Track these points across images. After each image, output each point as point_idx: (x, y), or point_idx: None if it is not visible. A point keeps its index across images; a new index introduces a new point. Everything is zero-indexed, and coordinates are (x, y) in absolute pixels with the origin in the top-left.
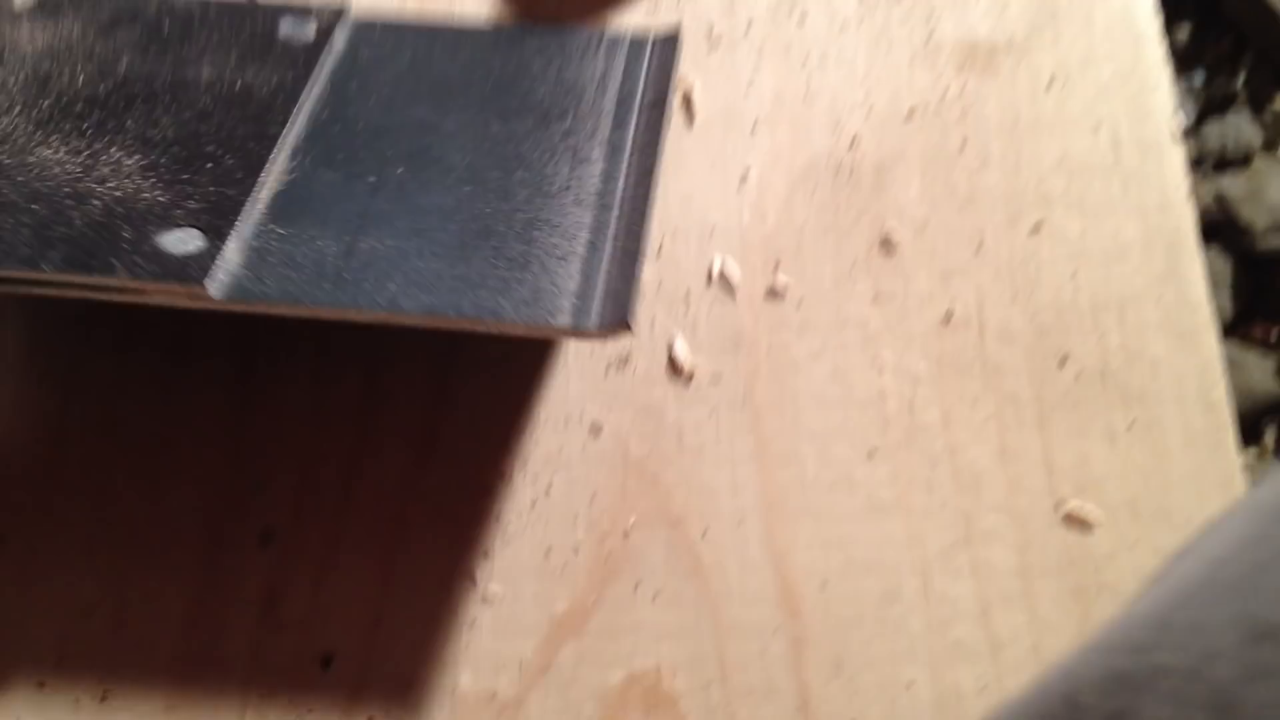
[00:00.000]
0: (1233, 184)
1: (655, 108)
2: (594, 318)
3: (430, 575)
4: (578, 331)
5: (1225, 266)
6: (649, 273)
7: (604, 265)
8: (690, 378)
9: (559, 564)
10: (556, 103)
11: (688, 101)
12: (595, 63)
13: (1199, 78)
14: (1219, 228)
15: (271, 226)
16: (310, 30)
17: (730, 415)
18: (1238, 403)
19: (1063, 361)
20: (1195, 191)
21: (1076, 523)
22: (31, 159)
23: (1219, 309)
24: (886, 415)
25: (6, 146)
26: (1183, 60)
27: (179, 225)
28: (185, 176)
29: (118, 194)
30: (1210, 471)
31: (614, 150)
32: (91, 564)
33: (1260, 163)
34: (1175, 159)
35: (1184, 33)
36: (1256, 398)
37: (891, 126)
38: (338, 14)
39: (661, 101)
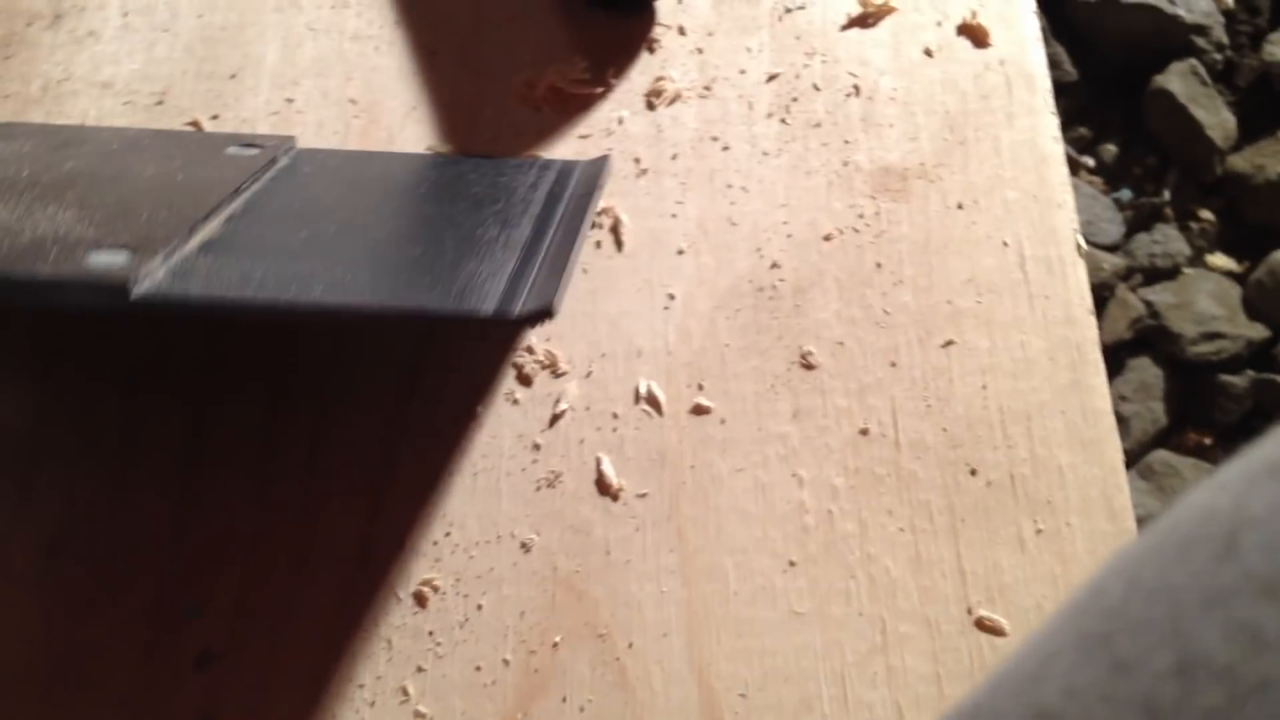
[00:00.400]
0: (1163, 295)
1: (583, 198)
2: (518, 304)
3: (364, 691)
4: (502, 318)
5: (1158, 375)
6: (578, 393)
7: (533, 273)
8: (617, 495)
9: (488, 680)
10: (489, 195)
11: (616, 229)
12: (527, 175)
13: (1127, 194)
14: (1151, 337)
15: (201, 258)
16: (255, 152)
17: (656, 531)
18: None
19: (974, 471)
20: (1126, 302)
21: (988, 628)
22: None
23: (1153, 418)
24: (806, 527)
25: None
26: (1111, 177)
27: (108, 246)
28: (120, 223)
29: (47, 231)
30: None
31: (543, 220)
32: (24, 690)
33: (1188, 273)
34: (1078, 275)
35: (1112, 151)
36: None
37: (810, 249)
38: (283, 143)
39: (589, 194)
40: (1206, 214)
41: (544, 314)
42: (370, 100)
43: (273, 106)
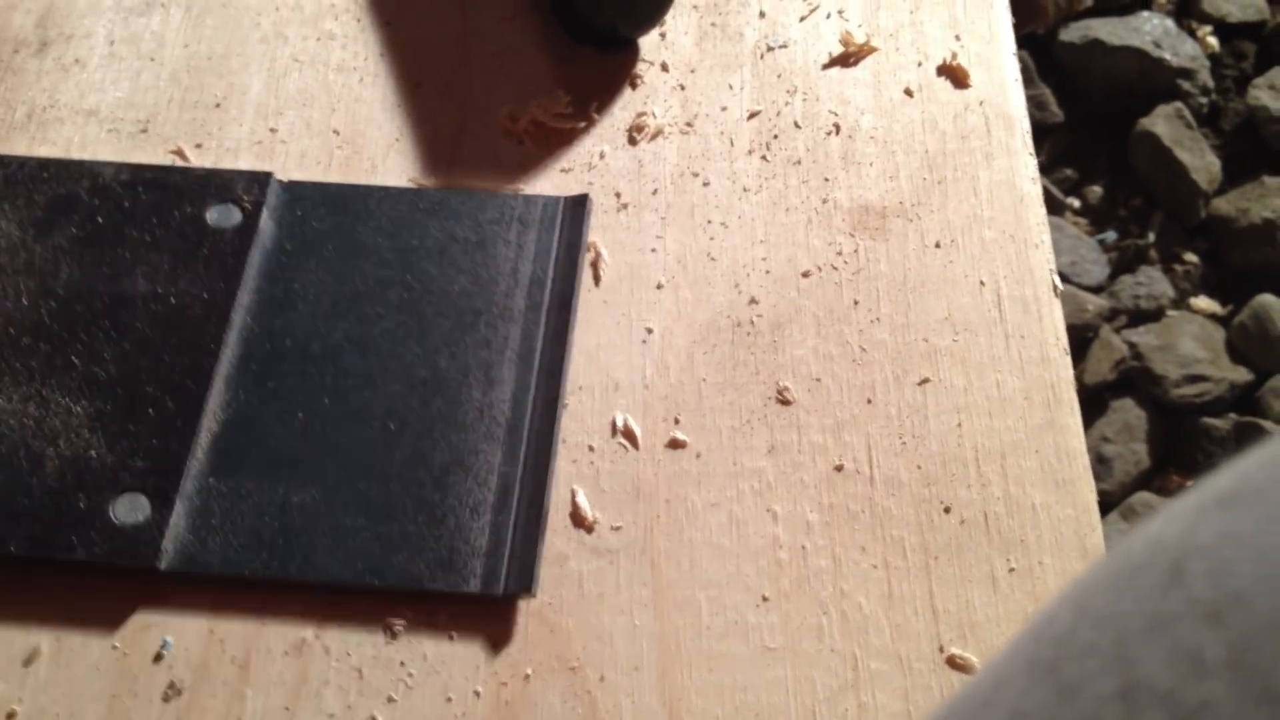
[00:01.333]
0: (1146, 336)
1: (561, 310)
2: (501, 584)
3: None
4: (486, 596)
5: (1140, 417)
6: None
7: (511, 519)
8: (592, 528)
9: (459, 711)
10: (471, 303)
11: (595, 263)
12: (509, 241)
13: (1111, 235)
14: (1134, 379)
15: (211, 481)
16: (236, 215)
17: (629, 564)
18: None
19: (947, 509)
20: (1110, 344)
21: (959, 666)
22: None
23: (1136, 459)
24: (779, 562)
25: None
26: (1096, 218)
27: (127, 489)
28: (130, 428)
29: (68, 454)
30: None
31: (523, 363)
32: None
33: (1172, 316)
34: (1054, 315)
35: (1097, 192)
36: None
37: (788, 286)
38: (263, 188)
39: (567, 304)
40: (1191, 256)
41: (523, 593)
42: (353, 131)
43: (256, 136)
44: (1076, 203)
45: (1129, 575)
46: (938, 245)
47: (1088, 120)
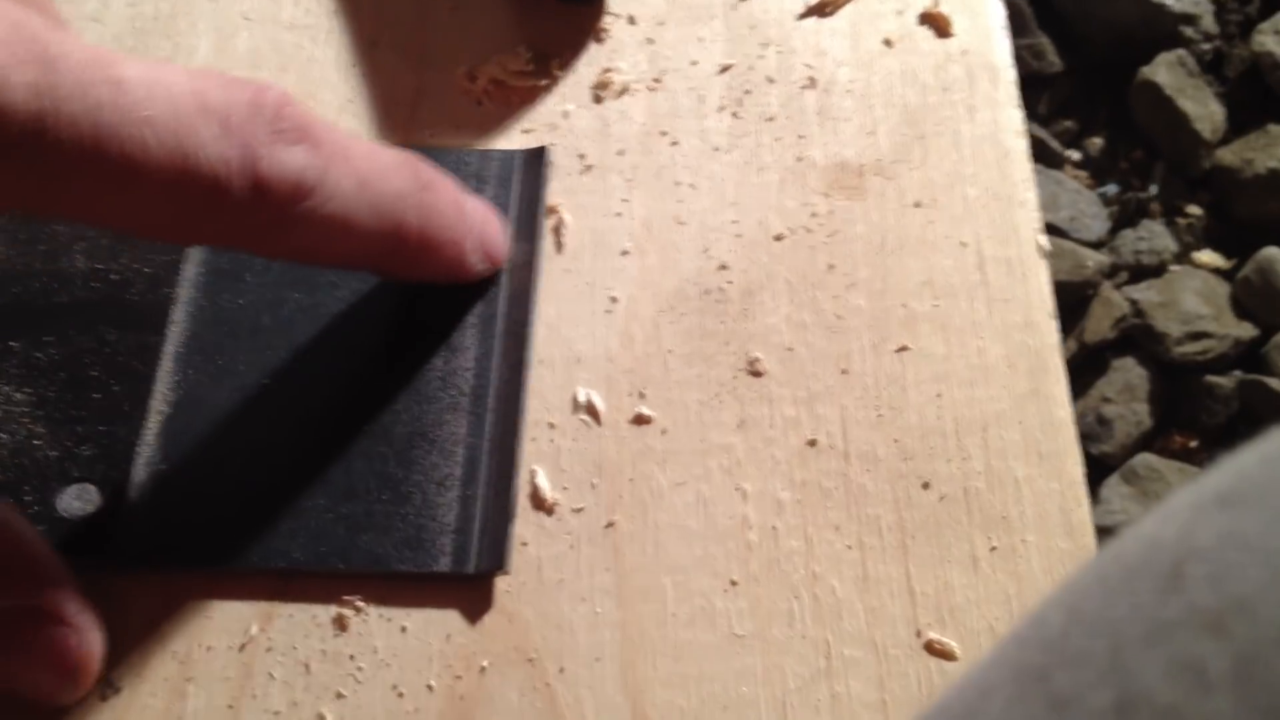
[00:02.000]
0: (1148, 293)
1: (522, 270)
2: (471, 562)
3: (279, 718)
4: (456, 574)
5: (1142, 376)
6: None
7: (480, 492)
8: (552, 510)
9: (411, 707)
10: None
11: (558, 229)
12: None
13: (1112, 188)
14: (1135, 337)
15: (163, 468)
16: None
17: (591, 549)
18: None
19: (926, 485)
20: (1111, 301)
21: (937, 652)
22: None
23: (1137, 420)
24: (749, 544)
25: None
26: (1096, 171)
27: (75, 479)
28: (75, 413)
29: (11, 445)
30: None
31: (485, 328)
32: None
33: (1175, 271)
34: (1040, 277)
35: (1097, 144)
36: None
37: (760, 250)
38: None
39: (527, 263)
40: (1194, 209)
41: (496, 570)
42: (306, 92)
43: None
44: (1076, 155)
45: (1124, 578)
46: (917, 205)
47: (1087, 69)
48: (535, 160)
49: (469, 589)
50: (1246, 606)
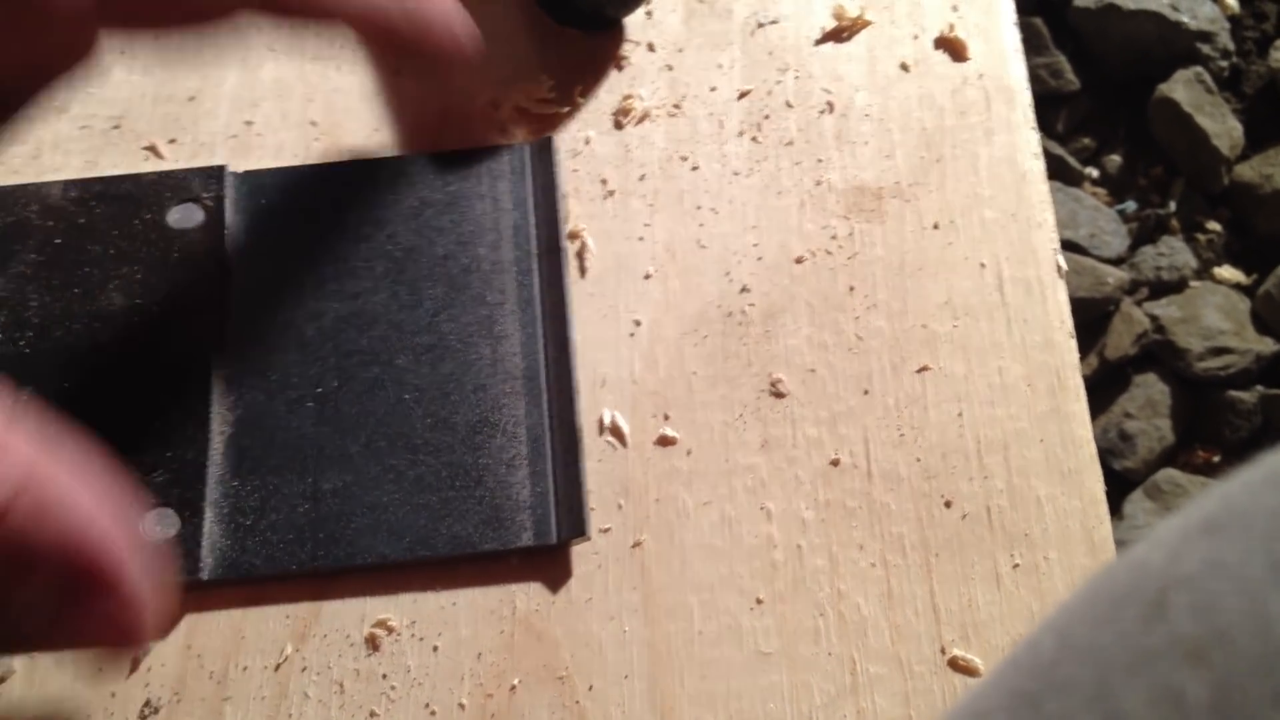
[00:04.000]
0: (1169, 309)
1: (551, 254)
2: (554, 532)
3: None
4: (540, 547)
5: (1164, 392)
6: None
7: (549, 467)
8: None
9: None
10: (457, 259)
11: (581, 254)
12: (482, 195)
13: (1131, 205)
14: (1157, 353)
15: (235, 484)
16: (199, 214)
17: (618, 568)
18: None
19: (948, 503)
20: (1131, 317)
21: (962, 668)
22: None
23: (1160, 435)
24: (774, 562)
25: None
26: (1115, 188)
27: (152, 506)
28: (141, 444)
29: None
30: None
31: (525, 313)
32: None
33: (1195, 286)
34: (1059, 297)
35: (1116, 161)
36: None
37: (781, 273)
38: (220, 182)
39: (555, 248)
40: (1214, 225)
41: (577, 537)
42: (331, 122)
43: (231, 130)
44: (1095, 172)
45: (1112, 605)
46: (936, 226)
47: (1105, 87)
48: (545, 150)
49: (550, 562)
50: (1226, 636)
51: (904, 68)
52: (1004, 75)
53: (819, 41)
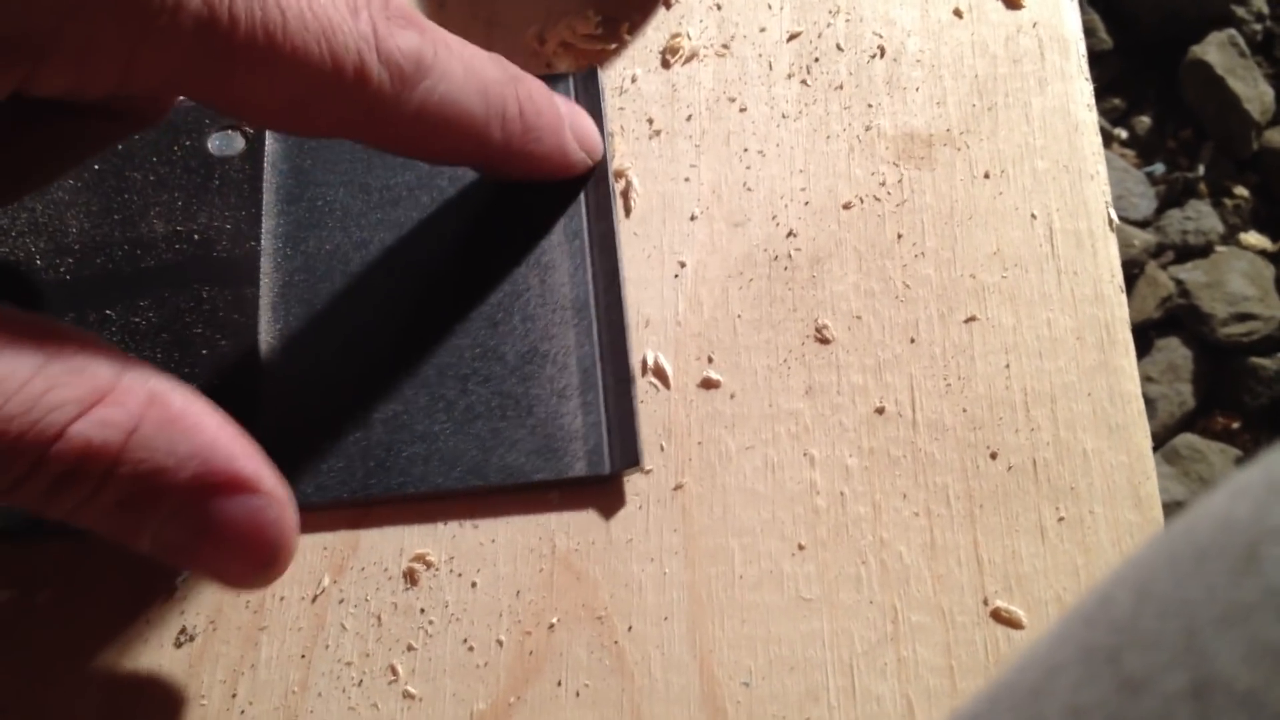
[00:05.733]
0: (1194, 273)
1: (598, 185)
2: (606, 462)
3: (351, 670)
4: (593, 477)
5: (1186, 357)
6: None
7: (600, 397)
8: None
9: (481, 661)
10: (503, 187)
11: (626, 193)
12: None
13: (1160, 168)
14: (1180, 317)
15: (285, 413)
16: (240, 141)
17: (659, 510)
18: (1197, 496)
19: (994, 455)
20: (1156, 280)
21: (1004, 620)
22: None
23: (1180, 400)
24: (816, 509)
25: None
26: (1144, 150)
27: None
28: (186, 370)
29: None
30: None
31: (572, 243)
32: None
33: (1221, 252)
34: (1109, 250)
35: (1145, 123)
36: None
37: (828, 218)
38: None
39: (602, 178)
40: (1241, 190)
41: (632, 467)
42: None
43: None
44: (1124, 133)
45: (1196, 558)
46: (987, 176)
47: (1136, 48)
48: (590, 80)
49: (603, 492)
50: None
51: (957, 14)
52: (1059, 24)
53: None
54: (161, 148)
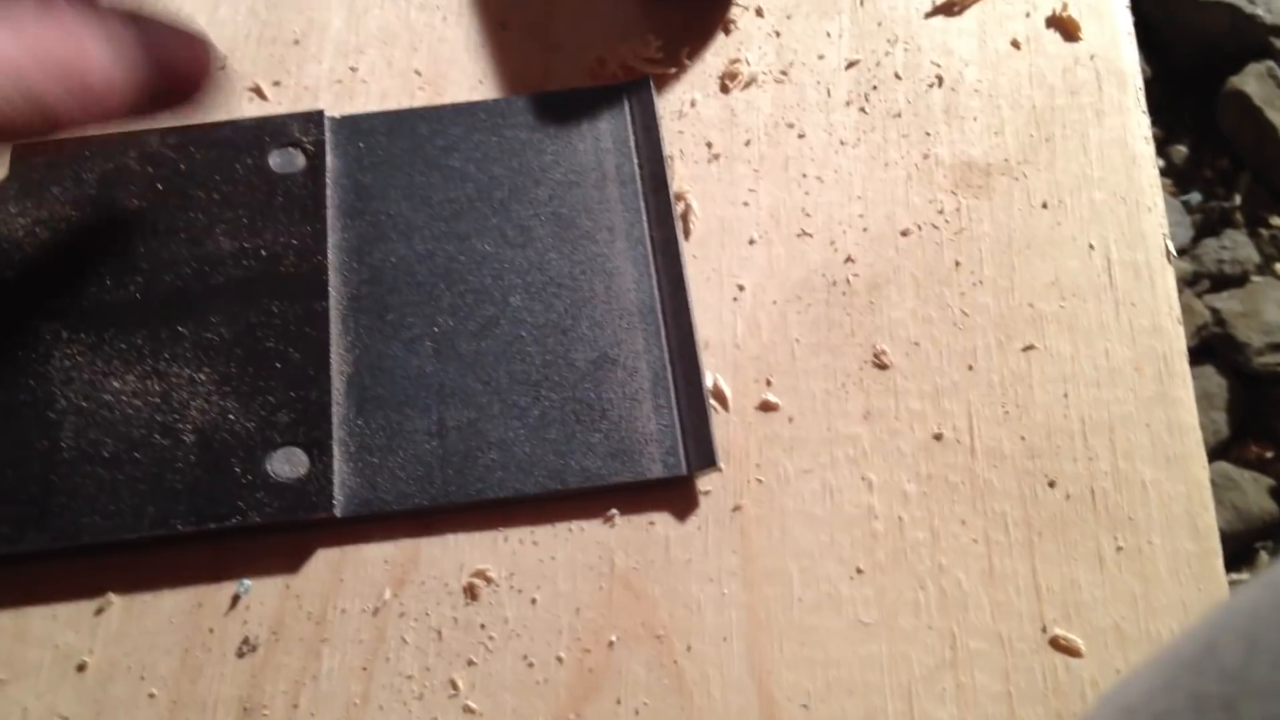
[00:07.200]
0: (1229, 302)
1: (658, 192)
2: (683, 463)
3: (412, 683)
4: (671, 479)
5: (1221, 385)
6: None
7: (672, 399)
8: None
9: (540, 677)
10: (565, 201)
11: (686, 216)
12: (583, 134)
13: (1196, 197)
14: (1216, 345)
15: (359, 423)
16: (300, 159)
17: (718, 530)
18: (1231, 524)
19: (1052, 483)
20: (1192, 309)
21: (1063, 648)
22: (107, 396)
23: (1214, 429)
24: (874, 533)
25: (75, 386)
26: (1181, 179)
27: (279, 446)
28: (261, 384)
29: (205, 424)
30: (1197, 598)
31: (635, 249)
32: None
33: (1257, 281)
34: (1167, 281)
35: (1182, 152)
36: (1250, 519)
37: (886, 244)
38: (319, 127)
39: (662, 185)
40: (1277, 220)
41: (707, 467)
42: (436, 72)
43: (336, 75)
44: (1161, 162)
45: None
46: (1044, 205)
47: (1174, 77)
48: (642, 89)
49: (676, 493)
50: None
51: (1015, 45)
52: (1116, 57)
53: (929, 15)
54: (224, 166)
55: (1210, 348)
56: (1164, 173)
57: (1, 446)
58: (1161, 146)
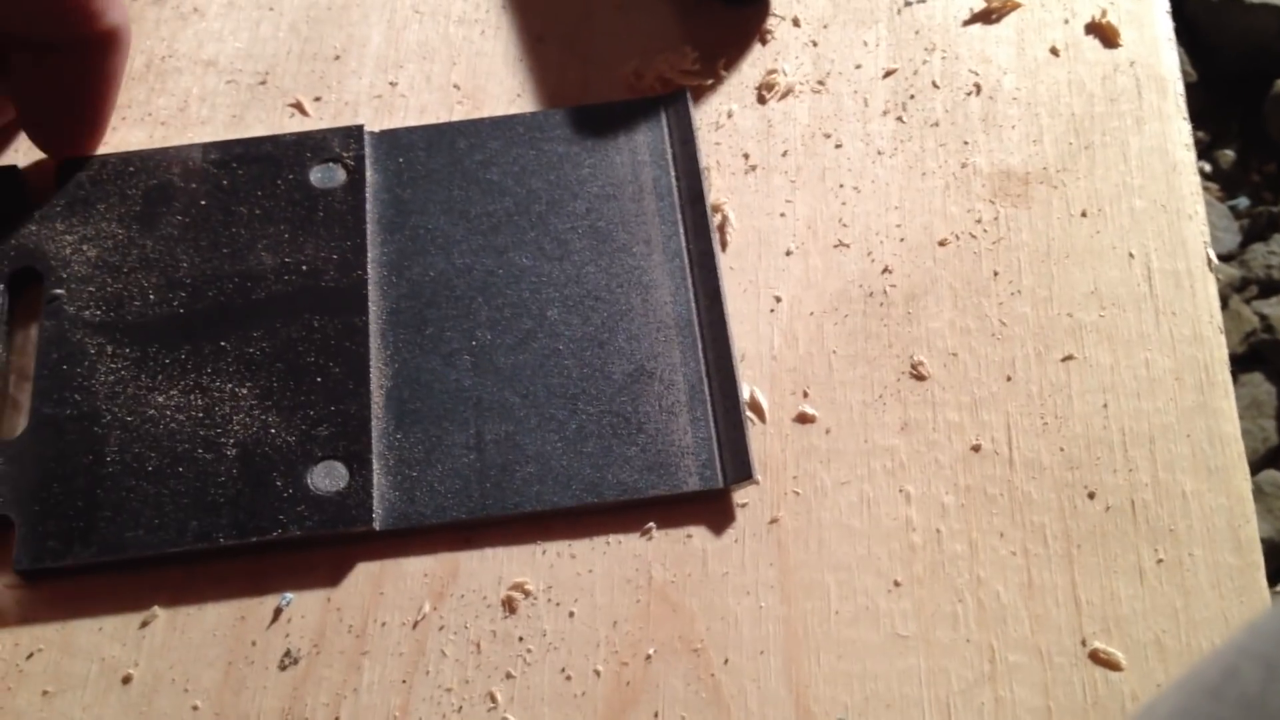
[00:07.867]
0: (1278, 308)
1: (695, 204)
2: (719, 476)
3: (451, 696)
4: (707, 492)
5: (1270, 393)
6: None
7: (709, 413)
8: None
9: (578, 690)
10: (600, 211)
11: (722, 227)
12: (619, 147)
13: (1244, 202)
14: (1264, 352)
15: (398, 437)
16: (341, 174)
17: (755, 543)
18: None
19: (1092, 495)
20: (1240, 315)
21: (1103, 662)
22: (151, 410)
23: (1263, 436)
24: (912, 546)
25: (120, 401)
26: (1227, 184)
27: (319, 459)
28: (302, 399)
29: (247, 437)
30: (1239, 612)
31: (672, 263)
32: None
33: None
34: (1208, 289)
35: (1229, 156)
36: None
37: (924, 254)
38: (359, 142)
39: (699, 198)
40: None
41: (745, 480)
42: (474, 86)
43: (376, 90)
44: (1207, 167)
45: None
46: (1084, 214)
47: (1220, 81)
48: (679, 101)
49: (713, 506)
50: None
51: (1054, 52)
52: (1156, 64)
53: (967, 22)
54: (265, 182)
55: (1258, 354)
56: (1211, 177)
57: (48, 461)
58: (1208, 151)
